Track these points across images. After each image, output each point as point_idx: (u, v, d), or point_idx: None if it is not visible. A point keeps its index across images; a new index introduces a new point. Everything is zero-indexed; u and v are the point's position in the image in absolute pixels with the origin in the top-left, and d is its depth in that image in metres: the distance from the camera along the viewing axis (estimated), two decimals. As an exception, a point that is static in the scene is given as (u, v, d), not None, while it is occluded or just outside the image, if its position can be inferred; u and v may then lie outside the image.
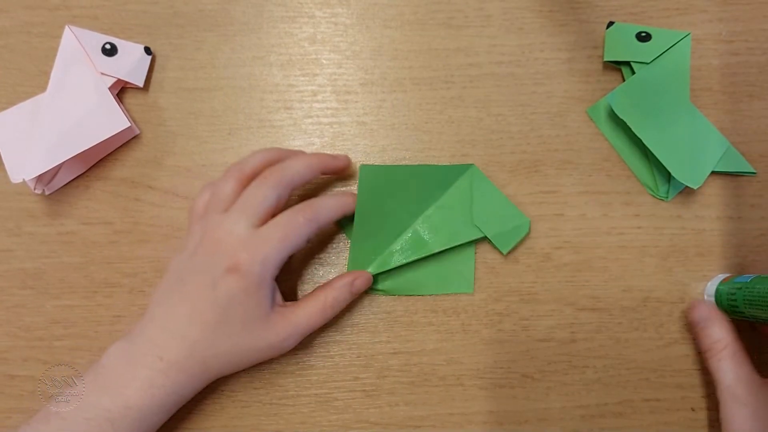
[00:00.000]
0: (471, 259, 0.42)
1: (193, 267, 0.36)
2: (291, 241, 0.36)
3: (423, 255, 0.41)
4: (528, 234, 0.42)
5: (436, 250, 0.41)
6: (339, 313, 0.42)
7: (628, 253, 0.42)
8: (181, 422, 0.40)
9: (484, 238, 0.42)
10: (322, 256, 0.43)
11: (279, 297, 0.38)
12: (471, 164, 0.42)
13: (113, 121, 0.41)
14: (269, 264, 0.35)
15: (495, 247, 0.42)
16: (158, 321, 0.36)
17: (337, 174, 0.43)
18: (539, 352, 0.42)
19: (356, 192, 0.41)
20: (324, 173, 0.42)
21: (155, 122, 0.44)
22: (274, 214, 0.37)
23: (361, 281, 0.40)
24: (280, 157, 0.40)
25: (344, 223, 0.42)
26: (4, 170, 0.42)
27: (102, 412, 0.34)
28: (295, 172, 0.38)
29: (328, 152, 0.43)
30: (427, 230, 0.42)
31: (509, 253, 0.42)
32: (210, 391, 0.41)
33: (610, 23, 0.44)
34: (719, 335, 0.38)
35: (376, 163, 0.43)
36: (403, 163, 0.43)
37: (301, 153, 0.41)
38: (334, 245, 0.43)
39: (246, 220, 0.36)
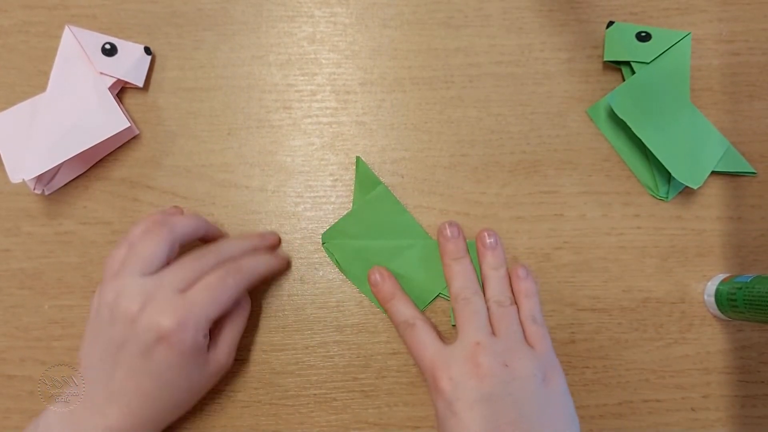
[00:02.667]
0: (425, 301, 0.42)
1: (119, 337, 0.34)
2: (220, 303, 0.36)
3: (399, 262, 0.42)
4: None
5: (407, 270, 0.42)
6: (339, 313, 0.42)
7: (627, 253, 0.42)
8: (181, 422, 0.40)
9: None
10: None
11: (208, 339, 0.37)
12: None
13: (113, 121, 0.41)
14: (201, 327, 0.35)
15: None
16: (100, 388, 0.35)
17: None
18: (539, 353, 0.41)
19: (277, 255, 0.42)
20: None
21: (154, 122, 0.44)
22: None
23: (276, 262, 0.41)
24: (209, 230, 0.40)
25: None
26: (4, 170, 0.42)
27: None
28: (229, 255, 0.38)
29: (328, 152, 0.43)
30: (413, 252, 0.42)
31: None
32: (210, 391, 0.40)
33: (610, 23, 0.44)
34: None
35: (375, 163, 0.43)
36: (403, 162, 0.43)
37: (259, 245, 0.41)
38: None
39: (172, 286, 0.35)
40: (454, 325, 0.41)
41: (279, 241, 0.42)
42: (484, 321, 0.38)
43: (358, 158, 0.43)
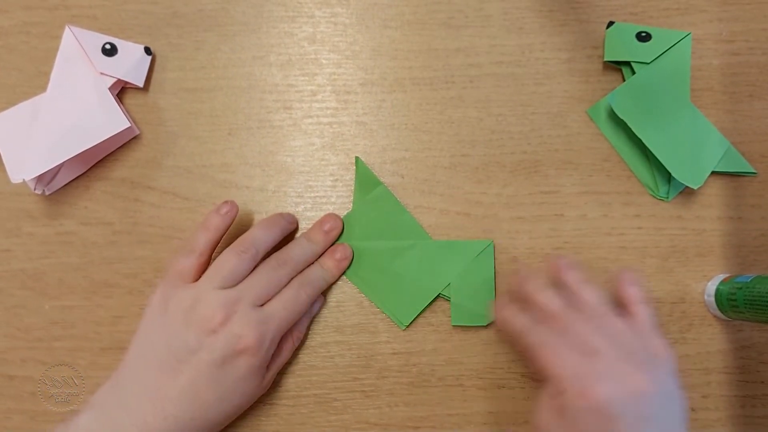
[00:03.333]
0: (425, 301, 0.41)
1: (194, 342, 0.35)
2: (293, 318, 0.38)
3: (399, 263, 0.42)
4: None
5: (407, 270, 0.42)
6: (339, 314, 0.42)
7: (628, 253, 0.42)
8: (180, 423, 0.40)
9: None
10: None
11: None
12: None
13: (113, 121, 0.41)
14: (275, 341, 0.37)
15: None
16: (143, 392, 0.35)
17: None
18: (539, 353, 0.41)
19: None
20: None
21: (155, 122, 0.44)
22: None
23: (317, 306, 0.42)
24: (280, 231, 0.40)
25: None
26: (4, 170, 0.42)
27: None
28: (299, 262, 0.40)
29: (329, 152, 0.43)
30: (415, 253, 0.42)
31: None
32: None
33: (610, 23, 0.44)
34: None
35: (375, 163, 0.43)
36: (404, 163, 0.43)
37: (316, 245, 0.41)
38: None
39: (252, 301, 0.37)
40: (455, 326, 0.41)
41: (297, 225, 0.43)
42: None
43: (357, 158, 0.43)
